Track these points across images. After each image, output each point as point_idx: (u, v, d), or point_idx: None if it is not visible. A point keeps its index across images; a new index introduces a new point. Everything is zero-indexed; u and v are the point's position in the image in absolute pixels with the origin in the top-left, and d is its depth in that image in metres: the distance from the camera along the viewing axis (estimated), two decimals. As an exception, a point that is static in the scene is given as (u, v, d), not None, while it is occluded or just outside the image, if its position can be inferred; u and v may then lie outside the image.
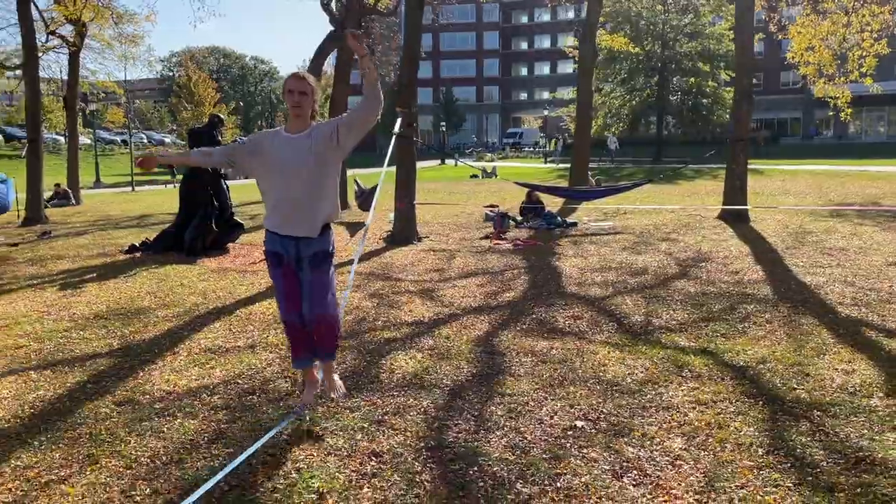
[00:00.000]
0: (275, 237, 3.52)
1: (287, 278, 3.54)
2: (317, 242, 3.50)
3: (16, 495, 2.98)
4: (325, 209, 3.48)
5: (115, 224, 14.22)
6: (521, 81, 78.21)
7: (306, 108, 3.42)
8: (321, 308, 3.54)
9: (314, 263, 3.50)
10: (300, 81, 3.41)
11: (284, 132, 3.49)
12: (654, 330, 5.40)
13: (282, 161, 3.41)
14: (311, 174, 3.40)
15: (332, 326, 3.62)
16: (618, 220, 12.33)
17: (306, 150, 3.39)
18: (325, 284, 3.54)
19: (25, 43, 15.76)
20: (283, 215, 3.47)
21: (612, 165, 35.25)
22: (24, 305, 6.60)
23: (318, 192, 3.44)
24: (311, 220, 3.46)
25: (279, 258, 3.53)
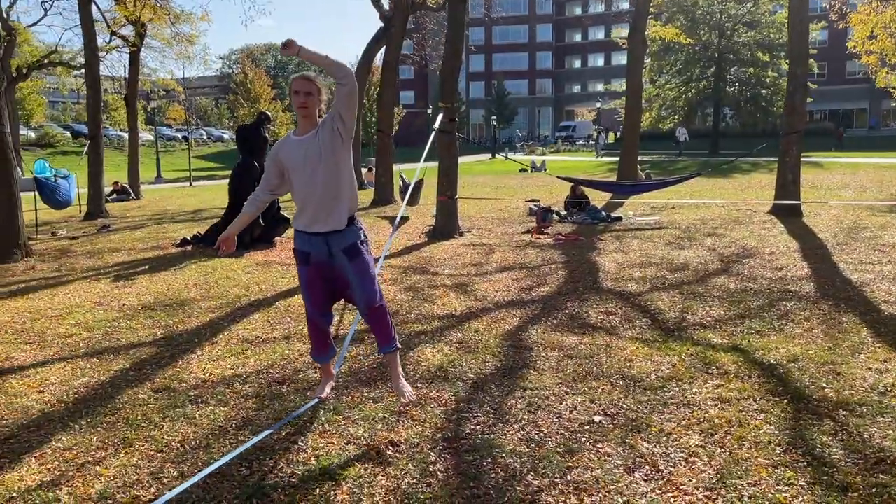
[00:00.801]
0: (304, 235, 3.62)
1: (312, 276, 3.65)
2: (347, 235, 3.58)
3: (53, 475, 3.17)
4: (345, 201, 3.57)
5: (170, 218, 14.72)
6: (574, 74, 77.42)
7: (313, 108, 3.50)
8: (370, 297, 3.58)
9: (351, 256, 3.57)
10: (306, 82, 3.49)
11: (293, 136, 3.60)
12: (688, 327, 5.35)
13: (297, 164, 3.51)
14: (327, 171, 3.48)
15: (382, 316, 3.65)
16: (665, 215, 12.16)
17: (316, 149, 3.48)
18: (368, 273, 3.60)
19: (87, 43, 16.44)
20: (309, 214, 3.57)
21: (682, 158, 34.24)
22: (78, 296, 6.94)
23: (336, 185, 3.52)
24: (335, 213, 3.54)
25: (307, 256, 3.63)
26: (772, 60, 36.53)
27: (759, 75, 37.32)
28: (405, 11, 18.43)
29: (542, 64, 76.31)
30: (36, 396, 4.17)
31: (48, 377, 4.51)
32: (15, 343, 5.31)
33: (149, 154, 38.83)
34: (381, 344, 3.73)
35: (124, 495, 2.97)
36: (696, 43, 36.12)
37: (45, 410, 3.95)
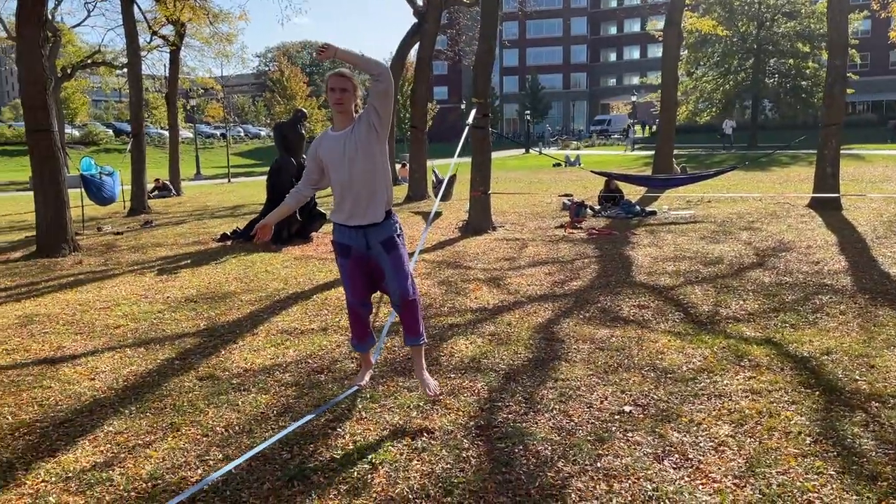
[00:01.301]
0: (343, 229, 3.73)
1: (352, 268, 3.76)
2: (384, 229, 3.68)
3: (106, 457, 3.35)
4: (382, 194, 3.66)
5: (210, 214, 15.06)
6: (609, 67, 76.67)
7: (348, 104, 3.59)
8: (404, 289, 3.68)
9: (388, 248, 3.67)
10: (341, 79, 3.57)
11: (331, 132, 3.70)
12: (721, 320, 5.36)
13: (335, 159, 3.61)
14: (364, 166, 3.58)
15: (415, 308, 3.76)
16: (701, 209, 12.07)
17: (352, 144, 3.58)
18: (403, 267, 3.70)
19: (129, 43, 16.86)
20: (347, 208, 3.67)
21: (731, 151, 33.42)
22: (125, 289, 7.19)
23: (372, 179, 3.61)
24: (372, 207, 3.64)
25: (347, 249, 3.74)
26: (812, 51, 35.74)
27: (799, 66, 36.55)
28: (439, 7, 18.50)
29: (577, 57, 75.74)
30: (88, 384, 4.37)
31: (98, 365, 4.72)
32: (66, 333, 5.55)
33: (188, 151, 39.65)
34: (409, 336, 3.83)
35: (173, 476, 3.13)
36: (733, 34, 35.53)
37: (97, 397, 4.15)
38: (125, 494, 2.98)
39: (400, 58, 21.67)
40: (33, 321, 5.95)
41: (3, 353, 5.08)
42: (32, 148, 9.55)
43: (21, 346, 5.24)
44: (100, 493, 3.00)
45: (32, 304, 6.60)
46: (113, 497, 2.96)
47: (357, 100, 3.65)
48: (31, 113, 9.45)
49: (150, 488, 3.03)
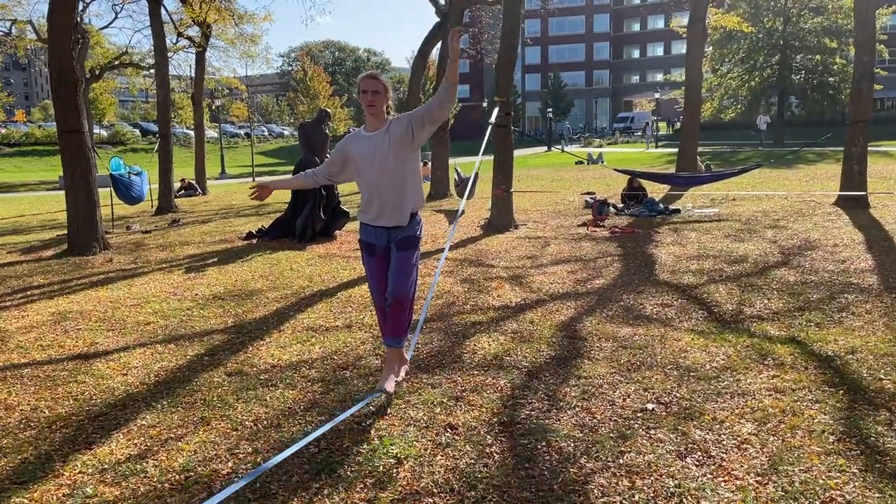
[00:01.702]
0: (368, 228, 3.85)
1: (377, 266, 3.86)
2: (406, 229, 3.80)
3: (140, 449, 3.45)
4: (410, 198, 3.76)
5: (235, 213, 15.25)
6: (633, 64, 76.08)
7: (380, 105, 3.68)
8: (400, 289, 3.76)
9: (401, 246, 3.78)
10: (373, 81, 3.67)
11: (364, 132, 3.79)
12: (745, 319, 5.35)
13: (366, 160, 3.71)
14: (394, 168, 3.66)
15: (403, 311, 3.83)
16: (725, 207, 11.99)
17: (386, 146, 3.66)
18: (408, 267, 3.78)
19: (156, 44, 17.11)
20: (375, 210, 3.77)
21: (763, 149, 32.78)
22: (154, 286, 7.33)
23: (402, 183, 3.70)
24: (400, 210, 3.74)
25: (372, 248, 3.85)
26: (839, 47, 35.21)
27: (826, 62, 36.05)
28: (461, 6, 18.52)
29: (600, 54, 75.26)
30: (120, 379, 4.49)
31: (130, 361, 4.84)
32: (99, 330, 5.69)
33: (213, 151, 40.08)
34: (390, 335, 3.90)
35: (204, 468, 3.22)
36: (759, 30, 35.11)
37: (130, 391, 4.26)
38: (159, 486, 3.08)
39: (422, 56, 21.68)
40: (67, 318, 6.10)
41: (39, 348, 5.23)
42: (64, 148, 9.75)
43: (56, 342, 5.38)
44: (134, 484, 3.10)
45: (66, 302, 6.76)
46: (147, 488, 3.06)
47: (388, 101, 3.73)
48: (62, 114, 9.65)
49: (183, 480, 3.12)
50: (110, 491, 3.05)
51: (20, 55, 30.48)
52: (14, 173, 41.85)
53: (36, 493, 3.05)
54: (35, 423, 3.82)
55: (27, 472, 3.25)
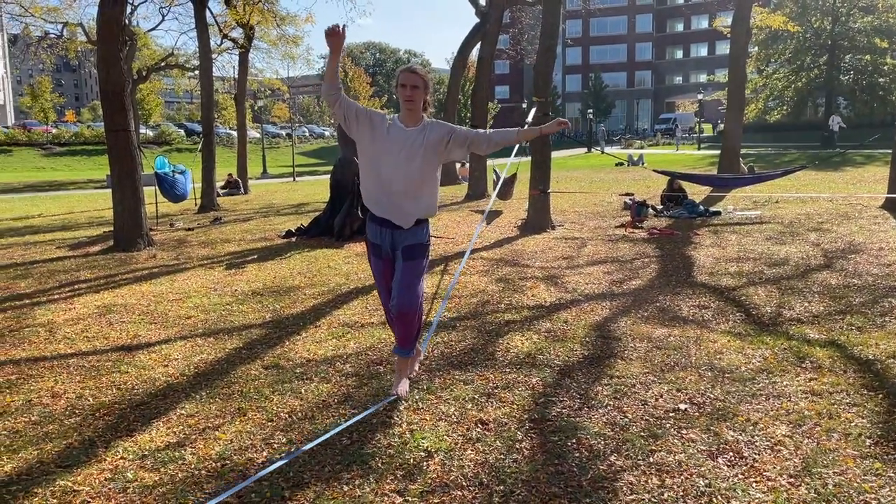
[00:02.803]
0: (374, 226, 3.72)
1: (384, 268, 3.76)
2: (411, 234, 3.67)
3: (179, 437, 3.55)
4: (421, 205, 3.64)
5: (276, 211, 15.50)
6: (675, 65, 75.08)
7: (418, 100, 3.58)
8: (406, 300, 3.64)
9: (407, 255, 3.66)
10: (412, 75, 3.58)
11: (399, 122, 3.64)
12: (783, 322, 5.27)
13: (392, 148, 3.57)
14: (416, 167, 3.57)
15: (412, 321, 3.72)
16: (768, 210, 11.78)
17: (418, 143, 3.56)
18: (414, 277, 3.67)
19: (201, 46, 17.48)
20: (384, 200, 3.63)
21: (842, 150, 31.69)
22: (195, 282, 7.51)
23: (418, 185, 3.59)
24: (407, 210, 3.62)
25: (378, 249, 3.74)
26: (890, 47, 34.26)
27: (876, 63, 35.09)
28: (501, 7, 18.55)
29: (642, 55, 74.43)
30: (161, 370, 4.62)
31: (171, 353, 4.97)
32: (142, 323, 5.86)
33: (255, 151, 40.73)
34: (399, 345, 3.86)
35: (240, 457, 3.31)
36: (806, 30, 34.35)
37: (170, 382, 4.39)
38: (196, 472, 3.17)
39: (462, 57, 21.78)
40: (111, 311, 6.29)
41: (85, 340, 5.40)
42: (111, 146, 10.03)
43: (100, 333, 5.56)
44: (173, 470, 3.20)
45: (111, 295, 6.96)
46: (185, 475, 3.15)
47: (427, 96, 3.64)
48: (109, 113, 9.94)
49: (219, 468, 3.21)
50: (149, 476, 3.15)
51: (71, 57, 31.41)
52: (64, 172, 43.13)
53: (79, 477, 3.16)
54: (80, 411, 3.95)
55: (71, 456, 3.37)
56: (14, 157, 47.89)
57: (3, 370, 4.69)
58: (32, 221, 15.18)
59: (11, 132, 51.92)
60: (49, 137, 51.74)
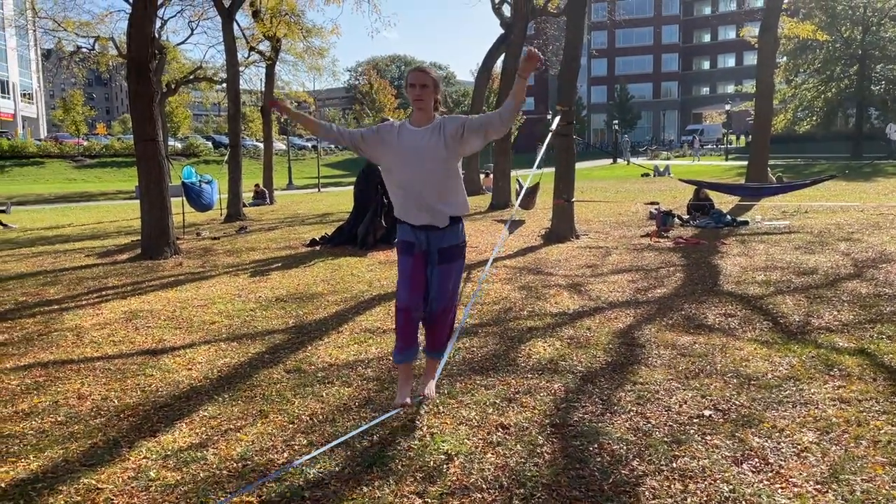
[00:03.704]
0: (407, 227, 3.67)
1: (415, 265, 3.64)
2: (447, 236, 3.62)
3: (201, 438, 3.58)
4: (451, 201, 3.60)
5: (301, 221, 15.62)
6: (702, 76, 74.63)
7: (428, 100, 3.54)
8: (445, 302, 3.67)
9: (445, 258, 3.62)
10: (421, 74, 3.54)
11: (409, 125, 3.63)
12: (812, 330, 5.17)
13: (408, 153, 3.54)
14: (437, 166, 3.53)
15: (448, 327, 3.75)
16: (797, 220, 11.60)
17: (433, 142, 3.52)
18: (453, 279, 3.67)
19: (229, 58, 17.75)
20: (412, 206, 3.60)
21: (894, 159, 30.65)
22: (220, 289, 7.58)
23: (443, 183, 3.56)
24: (438, 209, 3.58)
25: (410, 246, 3.64)
26: (923, 56, 33.68)
27: (909, 72, 34.51)
28: (525, 18, 18.59)
29: (668, 66, 74.09)
30: (185, 373, 4.67)
31: (195, 357, 5.02)
32: (167, 327, 5.92)
33: (281, 163, 41.15)
34: (431, 347, 3.83)
35: (261, 458, 3.32)
36: (835, 39, 33.90)
37: (193, 385, 4.42)
38: (217, 472, 3.18)
39: (486, 69, 21.85)
40: (137, 316, 6.37)
41: (111, 343, 5.48)
42: (139, 156, 10.20)
43: (126, 338, 5.63)
44: (195, 470, 3.22)
45: (137, 302, 7.06)
46: (207, 474, 3.17)
47: (437, 95, 3.61)
48: (138, 123, 10.11)
49: (241, 468, 3.22)
50: (172, 475, 3.17)
51: (102, 71, 32.09)
52: (94, 183, 43.95)
53: (103, 476, 3.19)
54: (105, 412, 4.00)
55: (96, 456, 3.41)
56: (46, 168, 48.91)
57: (31, 372, 4.77)
58: (63, 231, 15.48)
59: (44, 144, 53.06)
60: (80, 150, 52.79)
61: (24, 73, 72.02)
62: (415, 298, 3.66)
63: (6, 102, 68.97)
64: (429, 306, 3.70)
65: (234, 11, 17.78)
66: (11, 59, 68.88)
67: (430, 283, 3.68)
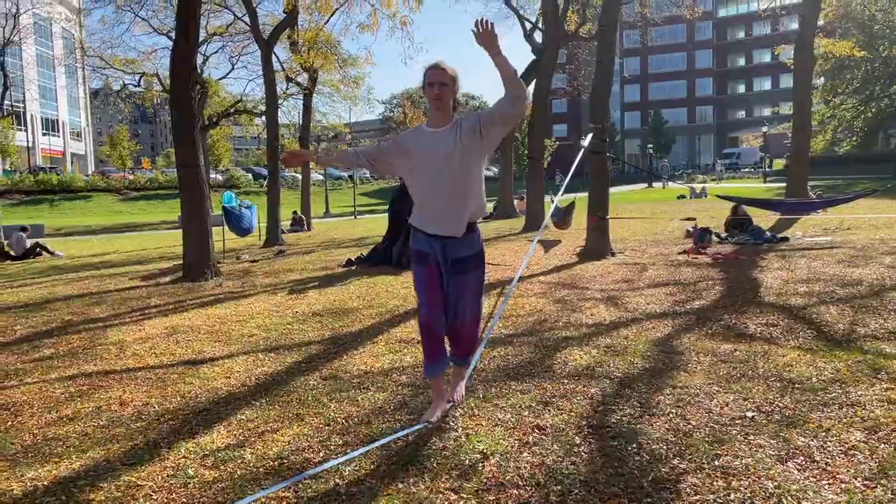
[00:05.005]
0: (420, 236, 3.53)
1: (430, 277, 3.51)
2: (464, 245, 3.48)
3: (238, 439, 3.61)
4: (471, 206, 3.45)
5: (337, 245, 15.79)
6: (738, 99, 74.01)
7: (447, 99, 3.39)
8: (465, 316, 3.60)
9: (459, 269, 3.49)
10: (440, 72, 3.36)
11: (427, 127, 3.49)
12: (857, 338, 5.03)
13: (427, 156, 3.41)
14: (458, 168, 3.37)
15: (474, 331, 3.66)
16: (839, 236, 11.34)
17: (452, 143, 3.36)
18: (473, 291, 3.57)
19: (268, 89, 18.19)
20: (429, 213, 3.47)
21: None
22: (259, 306, 7.68)
23: (464, 186, 3.40)
24: (457, 217, 3.43)
25: (424, 256, 3.52)
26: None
27: (953, 90, 33.79)
28: (557, 43, 18.71)
29: (702, 90, 73.68)
30: (224, 381, 4.72)
31: (234, 367, 5.08)
32: (207, 341, 6.01)
33: (318, 192, 41.75)
34: (456, 354, 3.76)
35: (297, 457, 3.33)
36: (875, 59, 33.41)
37: (232, 391, 4.47)
38: (254, 470, 3.21)
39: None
40: (178, 331, 6.48)
41: (153, 355, 5.57)
42: (182, 181, 10.45)
43: (167, 350, 5.73)
44: (232, 468, 3.24)
45: (178, 318, 7.18)
46: (244, 472, 3.19)
47: (456, 94, 3.46)
48: (181, 149, 10.38)
49: (277, 466, 3.24)
50: (210, 473, 3.20)
51: (147, 106, 33.12)
52: (139, 215, 45.08)
53: (143, 473, 3.24)
54: (145, 416, 4.07)
55: (136, 456, 3.46)
56: (93, 202, 50.38)
57: (76, 382, 4.88)
58: (107, 257, 15.88)
59: (92, 179, 54.75)
60: (126, 183, 54.31)
61: (73, 111, 74.79)
62: (434, 312, 3.54)
63: (56, 140, 71.57)
64: (449, 320, 3.59)
65: (273, 43, 18.28)
66: (61, 98, 71.65)
67: (448, 297, 3.55)
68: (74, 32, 35.43)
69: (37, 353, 5.87)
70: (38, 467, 3.38)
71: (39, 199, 48.84)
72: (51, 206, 48.61)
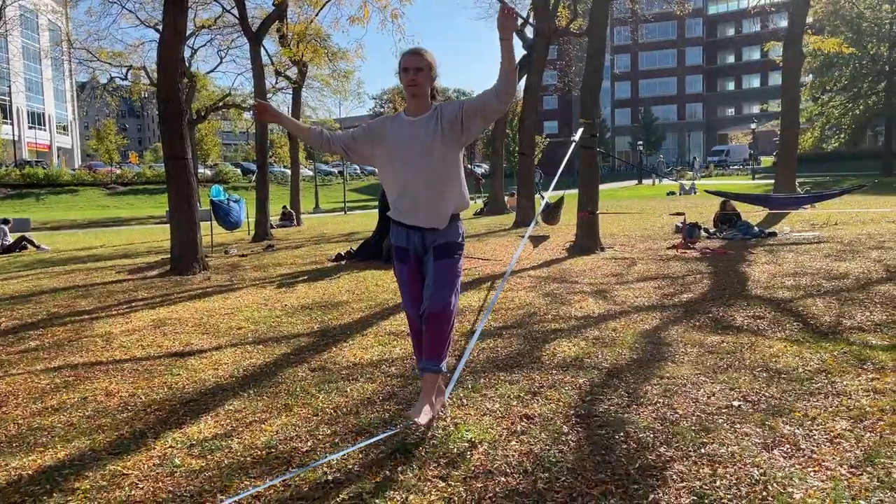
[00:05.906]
0: (401, 230, 3.38)
1: (411, 274, 3.40)
2: (443, 234, 3.31)
3: (226, 429, 3.59)
4: (451, 198, 3.29)
5: (327, 239, 15.74)
6: (727, 96, 74.31)
7: (423, 85, 3.21)
8: (438, 300, 3.23)
9: (439, 253, 3.30)
10: (415, 57, 3.20)
11: (405, 115, 3.31)
12: (844, 330, 5.06)
13: (404, 145, 3.23)
14: (437, 158, 3.21)
15: (443, 328, 3.27)
16: (827, 231, 11.42)
17: (430, 132, 3.20)
18: (448, 276, 3.28)
19: (257, 83, 18.07)
20: (407, 205, 3.29)
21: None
22: (247, 299, 7.65)
23: (444, 177, 3.25)
24: (437, 209, 3.27)
25: (405, 253, 3.39)
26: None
27: (939, 88, 34.03)
28: (547, 38, 18.69)
29: (692, 88, 73.93)
30: (211, 372, 4.70)
31: (222, 359, 5.06)
32: (194, 333, 5.98)
33: (308, 188, 41.53)
34: (427, 357, 3.31)
35: (285, 446, 3.32)
36: (862, 56, 33.58)
37: (219, 382, 4.45)
38: (242, 459, 3.19)
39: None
40: (165, 324, 6.44)
41: (139, 347, 5.54)
42: (170, 173, 10.39)
43: (154, 342, 5.70)
44: (219, 457, 3.23)
45: (165, 311, 7.14)
46: (231, 461, 3.18)
47: (434, 81, 3.28)
48: (169, 141, 10.30)
49: (265, 455, 3.23)
50: (196, 462, 3.18)
51: (134, 100, 32.87)
52: (126, 209, 44.72)
53: (129, 463, 3.22)
54: (132, 407, 4.04)
55: (122, 445, 3.44)
56: (80, 196, 49.94)
57: (61, 373, 4.84)
58: (94, 251, 15.76)
59: (78, 173, 54.25)
60: (113, 177, 53.87)
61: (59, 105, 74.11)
62: (418, 306, 3.40)
63: (42, 134, 70.91)
64: (423, 308, 3.31)
65: (262, 36, 18.15)
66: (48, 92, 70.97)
67: (428, 280, 3.32)
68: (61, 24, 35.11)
69: (22, 344, 5.82)
70: (23, 457, 3.35)
71: (25, 193, 48.36)
72: (37, 200, 48.17)
